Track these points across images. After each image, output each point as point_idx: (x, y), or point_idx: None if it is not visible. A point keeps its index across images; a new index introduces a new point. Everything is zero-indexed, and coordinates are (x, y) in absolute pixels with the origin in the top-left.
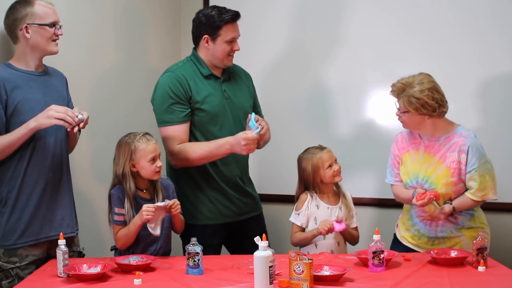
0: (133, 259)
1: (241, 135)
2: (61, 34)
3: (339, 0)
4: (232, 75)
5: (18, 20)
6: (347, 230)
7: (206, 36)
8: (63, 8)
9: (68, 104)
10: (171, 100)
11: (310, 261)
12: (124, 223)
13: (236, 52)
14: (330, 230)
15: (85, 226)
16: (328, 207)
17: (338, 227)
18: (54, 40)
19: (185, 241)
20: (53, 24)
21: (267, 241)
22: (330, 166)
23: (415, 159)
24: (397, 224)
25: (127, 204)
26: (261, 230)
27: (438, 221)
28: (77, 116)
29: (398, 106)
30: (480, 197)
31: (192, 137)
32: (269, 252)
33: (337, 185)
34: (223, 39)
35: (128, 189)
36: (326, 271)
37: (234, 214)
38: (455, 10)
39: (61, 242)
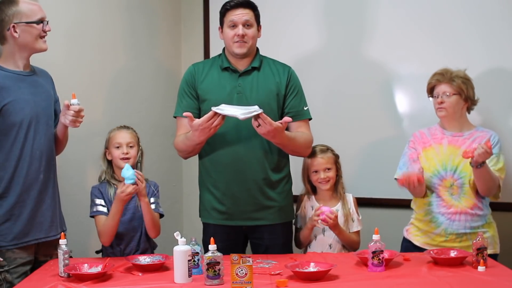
0: (149, 259)
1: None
2: (49, 30)
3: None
4: (259, 70)
5: (4, 20)
6: (342, 233)
7: (219, 26)
8: (65, 8)
9: (55, 104)
10: (182, 92)
11: (251, 264)
12: (106, 214)
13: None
14: (321, 215)
15: (78, 227)
16: None
17: (325, 208)
18: (42, 37)
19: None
20: (40, 21)
21: (184, 239)
22: (317, 171)
23: (439, 152)
24: (408, 230)
25: (105, 187)
26: (273, 240)
27: (467, 215)
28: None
29: (442, 92)
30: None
31: None
32: (187, 247)
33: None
34: (227, 25)
35: (105, 169)
36: (313, 268)
37: (239, 218)
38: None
39: (62, 241)
